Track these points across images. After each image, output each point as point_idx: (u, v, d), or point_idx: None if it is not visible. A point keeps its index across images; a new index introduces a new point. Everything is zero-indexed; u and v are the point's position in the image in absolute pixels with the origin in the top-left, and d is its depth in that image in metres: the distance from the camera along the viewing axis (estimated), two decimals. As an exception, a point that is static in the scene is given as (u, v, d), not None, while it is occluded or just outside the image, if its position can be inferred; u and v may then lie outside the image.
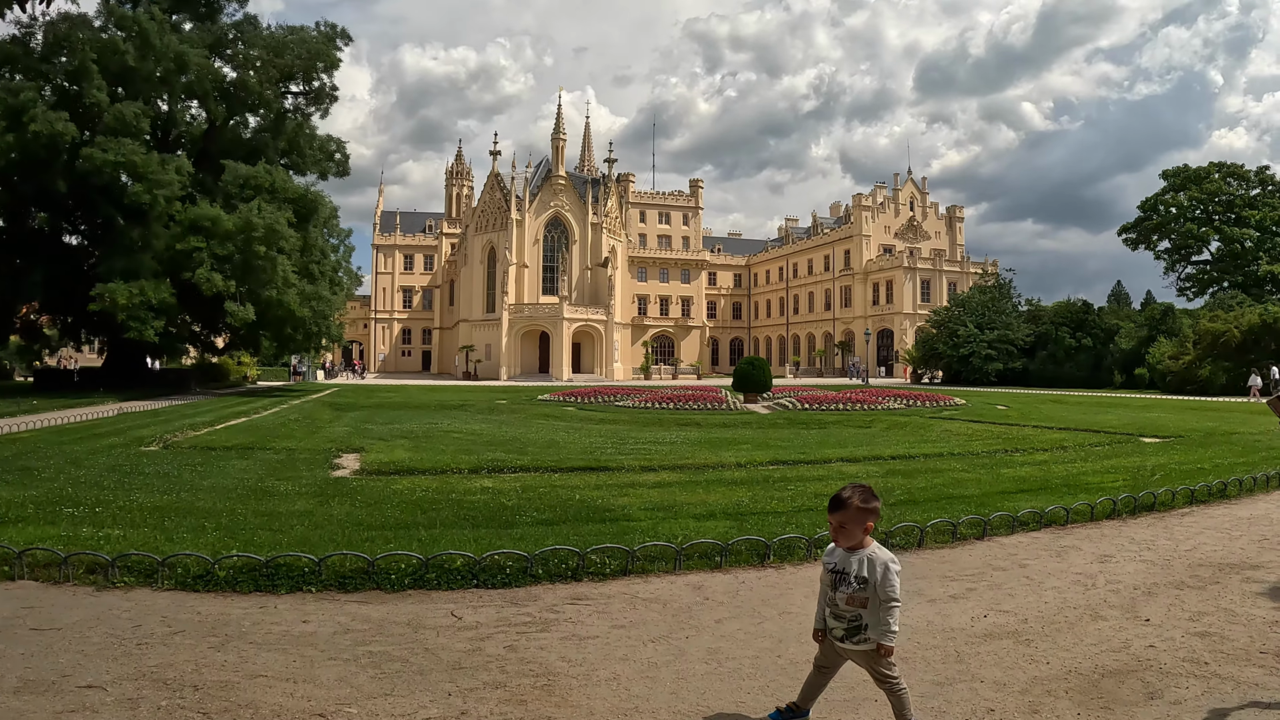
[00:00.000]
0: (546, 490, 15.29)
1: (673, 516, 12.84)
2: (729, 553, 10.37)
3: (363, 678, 6.67)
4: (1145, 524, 13.43)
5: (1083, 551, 11.45)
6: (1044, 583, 9.82)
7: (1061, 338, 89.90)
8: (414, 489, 15.44)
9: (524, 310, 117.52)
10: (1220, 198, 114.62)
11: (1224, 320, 73.40)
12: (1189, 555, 11.35)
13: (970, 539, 11.92)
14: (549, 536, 11.03)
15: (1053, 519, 13.03)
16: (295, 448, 23.13)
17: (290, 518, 12.55)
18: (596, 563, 9.83)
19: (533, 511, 13.12)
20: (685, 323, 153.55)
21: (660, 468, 18.59)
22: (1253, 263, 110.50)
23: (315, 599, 8.87)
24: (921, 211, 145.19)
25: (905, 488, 15.60)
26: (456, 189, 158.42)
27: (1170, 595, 9.39)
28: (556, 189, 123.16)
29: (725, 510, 13.34)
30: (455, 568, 9.43)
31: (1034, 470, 18.66)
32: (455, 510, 13.30)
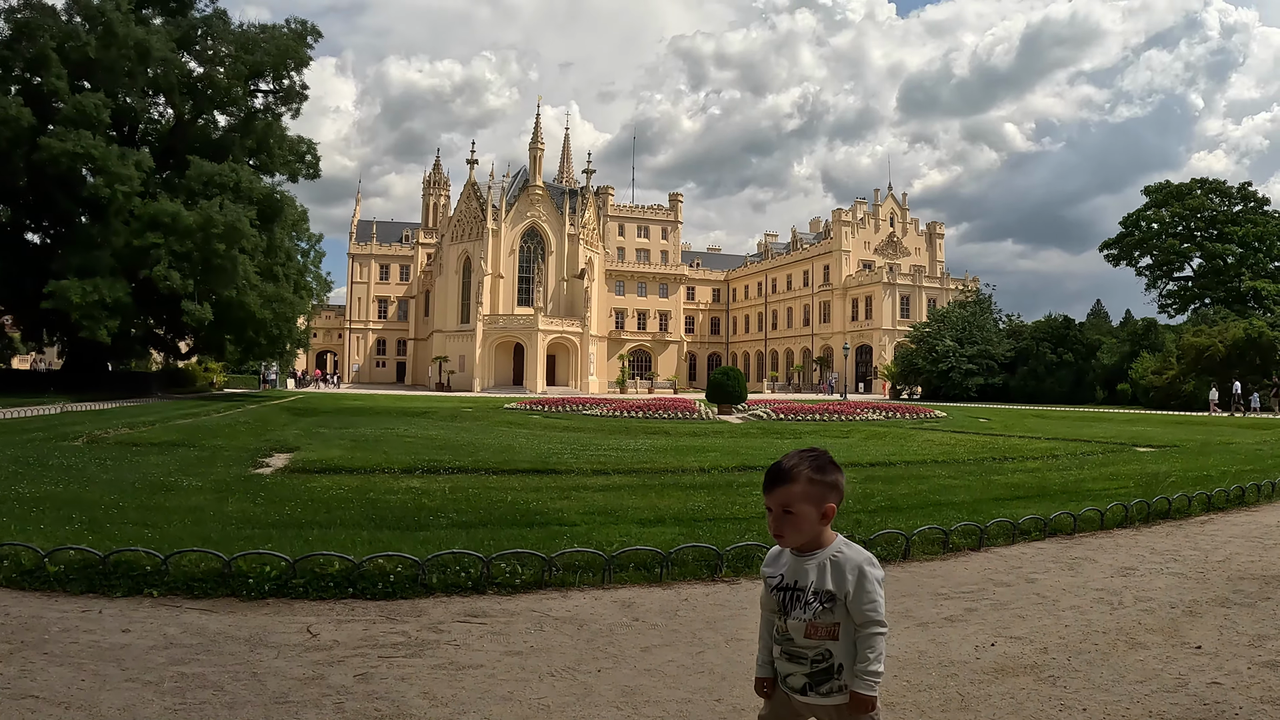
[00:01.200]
0: (478, 492, 13.24)
1: (614, 522, 10.80)
2: (671, 563, 8.37)
3: (152, 709, 4.98)
4: (1163, 532, 11.80)
5: (1098, 563, 9.70)
6: (1059, 600, 7.98)
7: (1043, 353, 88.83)
8: (331, 488, 13.55)
9: (499, 321, 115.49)
10: (1202, 214, 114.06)
11: (1208, 335, 72.49)
12: (1224, 567, 9.67)
13: (965, 550, 10.09)
14: (460, 540, 8.98)
15: (1058, 527, 11.26)
16: (225, 446, 21.32)
17: (175, 513, 10.76)
18: (505, 571, 7.82)
19: (453, 513, 11.13)
20: (663, 337, 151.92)
21: (614, 471, 16.64)
22: (1235, 279, 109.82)
23: (153, 604, 7.18)
24: (901, 227, 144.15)
25: (886, 494, 13.71)
26: (434, 199, 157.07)
27: (1217, 615, 7.64)
28: (533, 199, 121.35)
29: (677, 516, 11.30)
30: (330, 573, 7.51)
31: (1028, 477, 16.92)
32: (365, 510, 11.41)
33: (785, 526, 3.81)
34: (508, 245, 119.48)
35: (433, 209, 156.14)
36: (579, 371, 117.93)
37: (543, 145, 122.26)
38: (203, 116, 62.31)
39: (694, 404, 46.90)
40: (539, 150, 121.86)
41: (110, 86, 53.04)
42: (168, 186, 54.61)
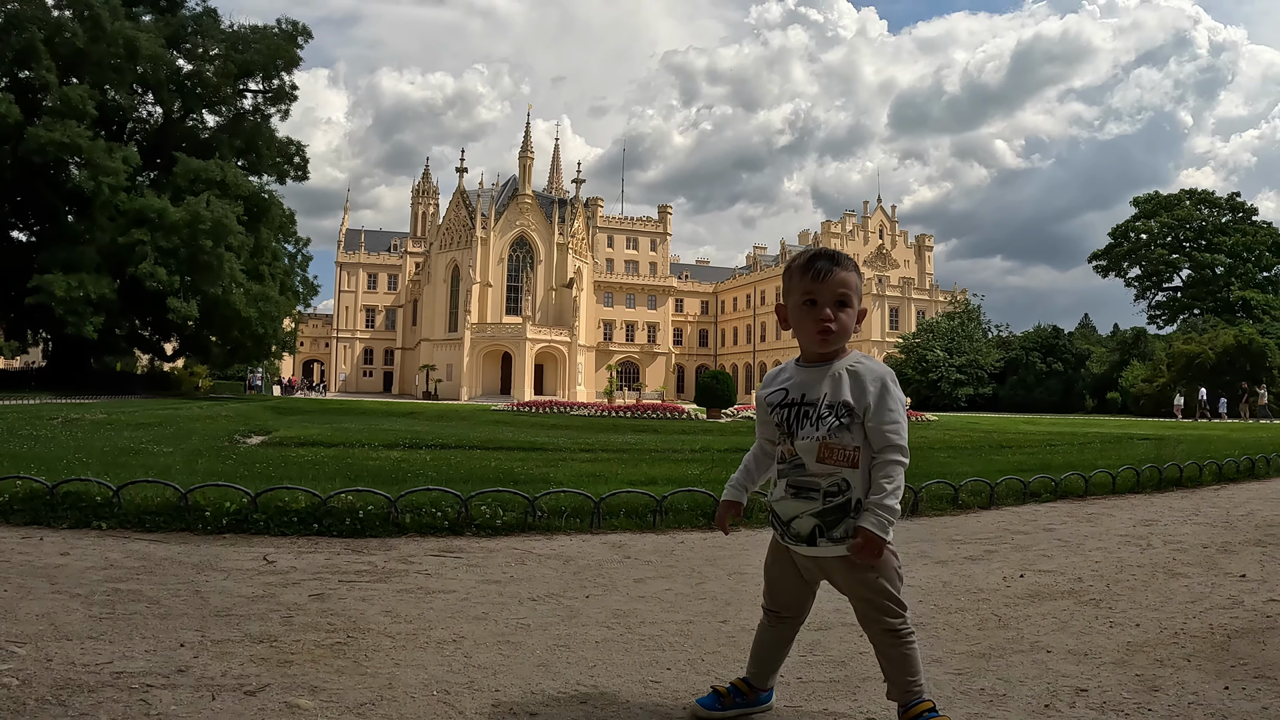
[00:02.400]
0: (461, 461, 12.56)
1: (603, 482, 9.95)
2: (666, 510, 7.74)
3: (75, 616, 4.47)
4: (1178, 496, 11.37)
5: (1117, 518, 9.25)
6: (1083, 544, 7.49)
7: (1032, 363, 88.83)
8: (308, 456, 12.90)
9: (486, 330, 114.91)
10: (1191, 224, 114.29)
11: (1198, 342, 72.46)
12: (1248, 520, 9.27)
13: (975, 508, 9.57)
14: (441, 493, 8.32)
15: (1070, 488, 10.78)
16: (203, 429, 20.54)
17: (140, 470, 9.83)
18: (485, 514, 7.17)
19: (433, 474, 10.32)
20: (651, 349, 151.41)
21: (600, 449, 16.02)
22: (1224, 289, 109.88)
23: (100, 535, 6.62)
24: (891, 240, 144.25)
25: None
26: (422, 208, 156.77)
27: (1254, 552, 7.27)
28: (522, 208, 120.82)
29: (669, 478, 10.53)
30: (294, 509, 6.88)
31: (1029, 457, 16.49)
32: (341, 470, 10.67)
33: (836, 323, 3.27)
34: (496, 254, 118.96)
35: (421, 218, 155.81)
36: (567, 381, 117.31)
37: (532, 154, 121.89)
38: (191, 115, 61.94)
39: (683, 408, 46.54)
40: (529, 159, 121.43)
41: (98, 81, 52.49)
42: (155, 184, 54.21)
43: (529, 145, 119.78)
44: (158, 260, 48.24)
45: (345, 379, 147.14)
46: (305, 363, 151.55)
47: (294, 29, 62.25)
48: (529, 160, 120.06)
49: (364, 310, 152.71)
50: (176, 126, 60.03)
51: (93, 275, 47.50)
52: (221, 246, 50.14)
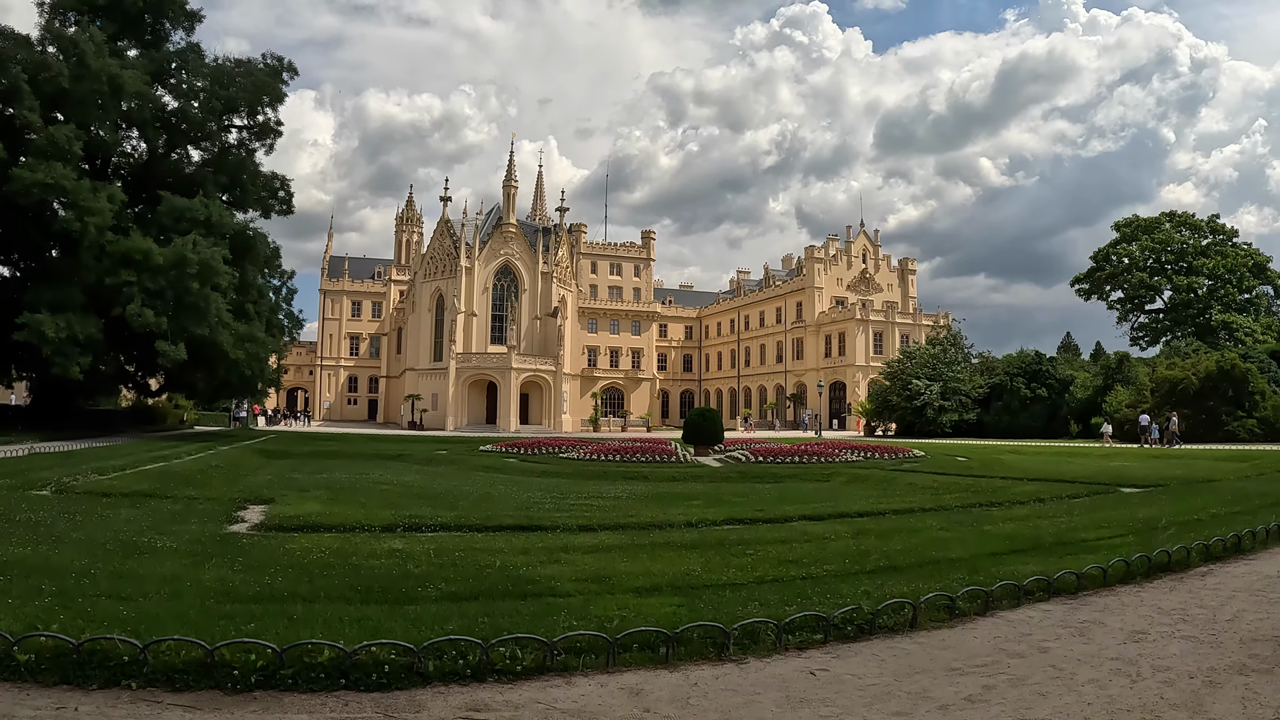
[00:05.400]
0: (464, 554, 12.69)
1: (609, 591, 10.32)
2: (678, 642, 7.94)
3: None
4: (1166, 587, 11.66)
5: (1108, 627, 9.48)
6: (1076, 674, 7.72)
7: (1016, 388, 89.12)
8: (311, 549, 12.97)
9: (471, 360, 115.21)
10: (1172, 247, 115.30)
11: (1181, 368, 73.08)
12: (1234, 628, 9.51)
13: (971, 615, 9.79)
14: (453, 616, 8.56)
15: (1062, 586, 11.01)
16: (199, 496, 20.77)
17: (150, 582, 10.20)
18: (505, 657, 7.38)
19: (440, 582, 10.59)
20: (635, 375, 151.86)
21: (600, 527, 16.09)
22: (1205, 312, 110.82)
23: (131, 698, 6.69)
24: (874, 264, 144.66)
25: (882, 551, 13.34)
26: (406, 235, 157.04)
27: (1238, 685, 7.45)
28: (507, 237, 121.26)
29: (673, 583, 10.83)
30: (319, 663, 7.05)
31: (1020, 526, 16.64)
32: (349, 578, 10.85)
33: None
34: (481, 283, 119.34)
35: (405, 245, 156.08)
36: (552, 410, 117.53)
37: (516, 183, 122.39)
38: (176, 151, 62.03)
39: (670, 445, 46.53)
40: (513, 188, 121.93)
41: (83, 119, 52.40)
42: (140, 221, 53.99)
43: (513, 175, 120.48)
44: (144, 301, 48.32)
45: (330, 407, 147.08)
46: (289, 390, 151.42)
47: (279, 65, 62.54)
48: (513, 189, 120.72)
49: (348, 338, 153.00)
50: (161, 162, 60.15)
51: (79, 315, 47.60)
52: (208, 287, 50.25)
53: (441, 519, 16.71)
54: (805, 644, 8.32)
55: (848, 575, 11.31)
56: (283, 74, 62.68)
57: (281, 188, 64.92)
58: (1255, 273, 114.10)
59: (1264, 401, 68.47)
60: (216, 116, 59.74)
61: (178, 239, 50.19)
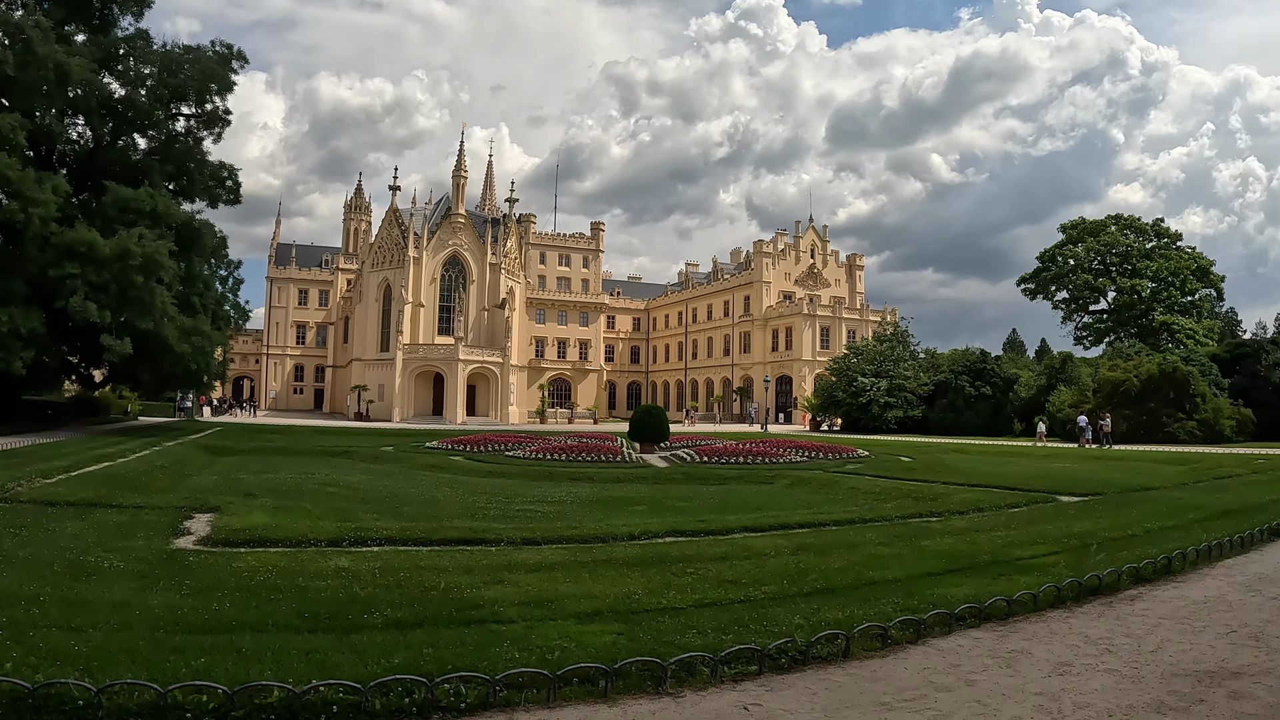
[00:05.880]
0: (409, 574, 12.71)
1: (551, 617, 10.46)
2: (616, 676, 8.09)
3: None
4: (1095, 613, 11.86)
5: (1035, 657, 9.70)
6: (1001, 710, 7.95)
7: (961, 386, 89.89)
8: (258, 568, 12.92)
9: (419, 350, 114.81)
10: (1117, 250, 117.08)
11: (1123, 369, 73.98)
12: (1157, 659, 9.73)
13: (904, 643, 9.99)
14: (399, 647, 8.68)
15: (993, 612, 11.24)
16: (144, 505, 20.50)
17: (100, 610, 10.18)
18: (450, 693, 7.53)
19: (386, 607, 10.65)
20: (583, 366, 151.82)
21: (544, 540, 16.17)
22: (1148, 313, 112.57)
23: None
24: (822, 259, 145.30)
25: (820, 570, 13.53)
26: (355, 223, 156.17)
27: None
28: (455, 227, 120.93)
29: (614, 606, 10.96)
30: (269, 703, 7.13)
31: (957, 542, 16.85)
32: (296, 602, 10.89)
33: None
34: (429, 273, 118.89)
35: (353, 234, 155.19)
36: (499, 401, 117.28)
37: (466, 174, 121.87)
38: (122, 139, 60.91)
39: (616, 442, 46.68)
40: (463, 178, 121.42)
41: (28, 107, 51.52)
42: (84, 211, 53.24)
43: (463, 164, 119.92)
44: (88, 295, 47.52)
45: (276, 396, 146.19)
46: (235, 379, 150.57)
47: (229, 52, 61.47)
48: (463, 179, 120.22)
49: (295, 326, 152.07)
50: (107, 151, 59.07)
51: (22, 309, 46.83)
52: (153, 280, 49.64)
53: (387, 530, 16.74)
54: (741, 676, 8.48)
55: (785, 598, 11.50)
56: (232, 62, 61.71)
57: (229, 177, 63.99)
58: (1198, 276, 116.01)
59: (1204, 404, 69.39)
60: (164, 105, 58.75)
61: (123, 231, 49.38)
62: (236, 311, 71.68)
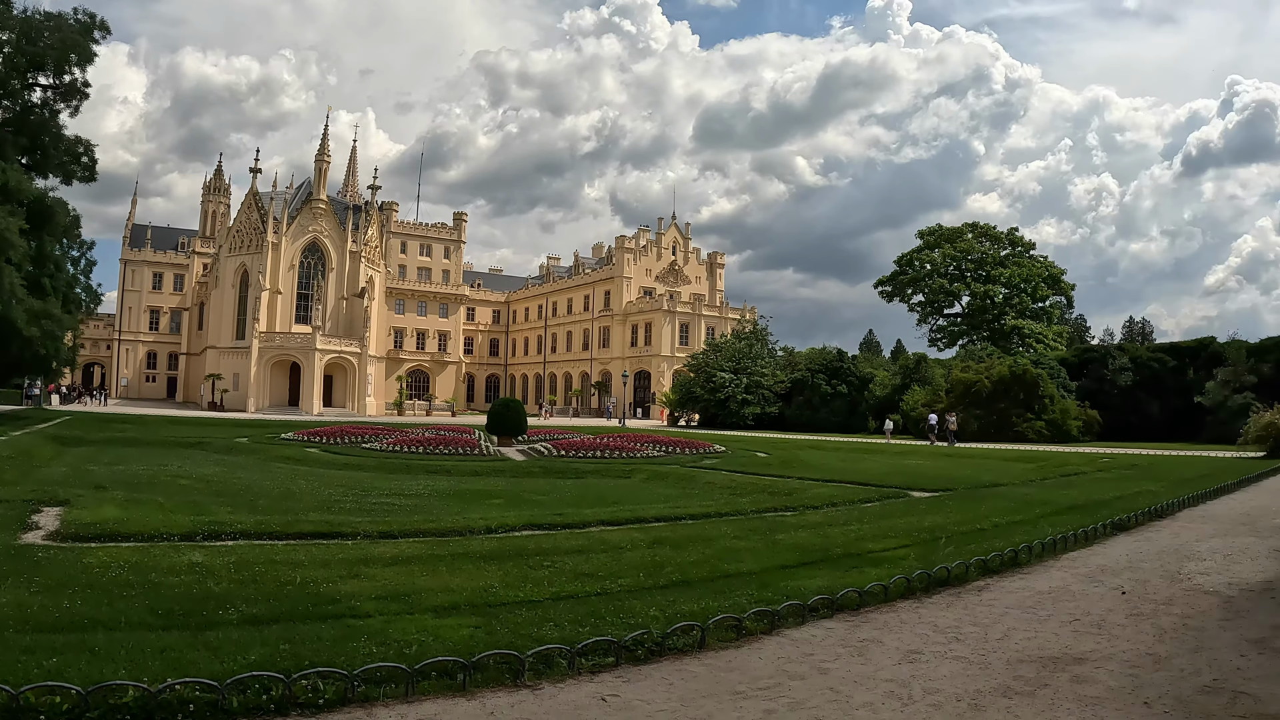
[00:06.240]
0: (264, 569, 12.44)
1: (408, 611, 10.31)
2: (475, 669, 8.03)
3: None
4: (944, 603, 12.15)
5: (886, 646, 9.89)
6: (853, 696, 8.08)
7: (818, 384, 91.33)
8: (110, 564, 12.46)
9: (275, 339, 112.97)
10: (973, 256, 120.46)
11: (976, 371, 76.05)
12: (1003, 646, 10.02)
13: (758, 634, 10.10)
14: (255, 644, 8.49)
15: (845, 603, 11.41)
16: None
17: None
18: (308, 689, 7.39)
19: (241, 603, 10.35)
20: (442, 358, 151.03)
21: (400, 534, 15.97)
22: (1001, 318, 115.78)
23: None
24: (684, 256, 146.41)
25: (677, 563, 13.65)
26: (214, 206, 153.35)
27: (1001, 708, 7.87)
28: (316, 213, 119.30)
29: (471, 600, 10.88)
30: (125, 703, 6.91)
31: (811, 535, 17.07)
32: (150, 599, 10.53)
33: None
34: (287, 260, 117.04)
35: (212, 217, 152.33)
36: (356, 393, 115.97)
37: (329, 158, 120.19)
38: (-27, 110, 58.83)
39: (474, 435, 46.41)
40: (325, 162, 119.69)
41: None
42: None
43: (326, 148, 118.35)
44: (-69, 275, 46.22)
45: (127, 384, 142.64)
46: (86, 366, 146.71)
47: (91, 21, 59.60)
48: (325, 164, 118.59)
49: (149, 311, 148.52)
50: (-43, 123, 57.42)
51: None
52: (1, 260, 48.29)
53: (242, 524, 16.33)
54: (598, 668, 8.51)
55: (642, 590, 11.56)
56: (94, 31, 59.89)
57: (86, 153, 62.21)
58: (1050, 284, 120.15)
59: (1052, 405, 71.78)
60: (20, 74, 56.93)
61: (-30, 208, 48.01)
62: (88, 295, 70.03)
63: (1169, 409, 77.36)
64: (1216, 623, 11.51)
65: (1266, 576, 14.67)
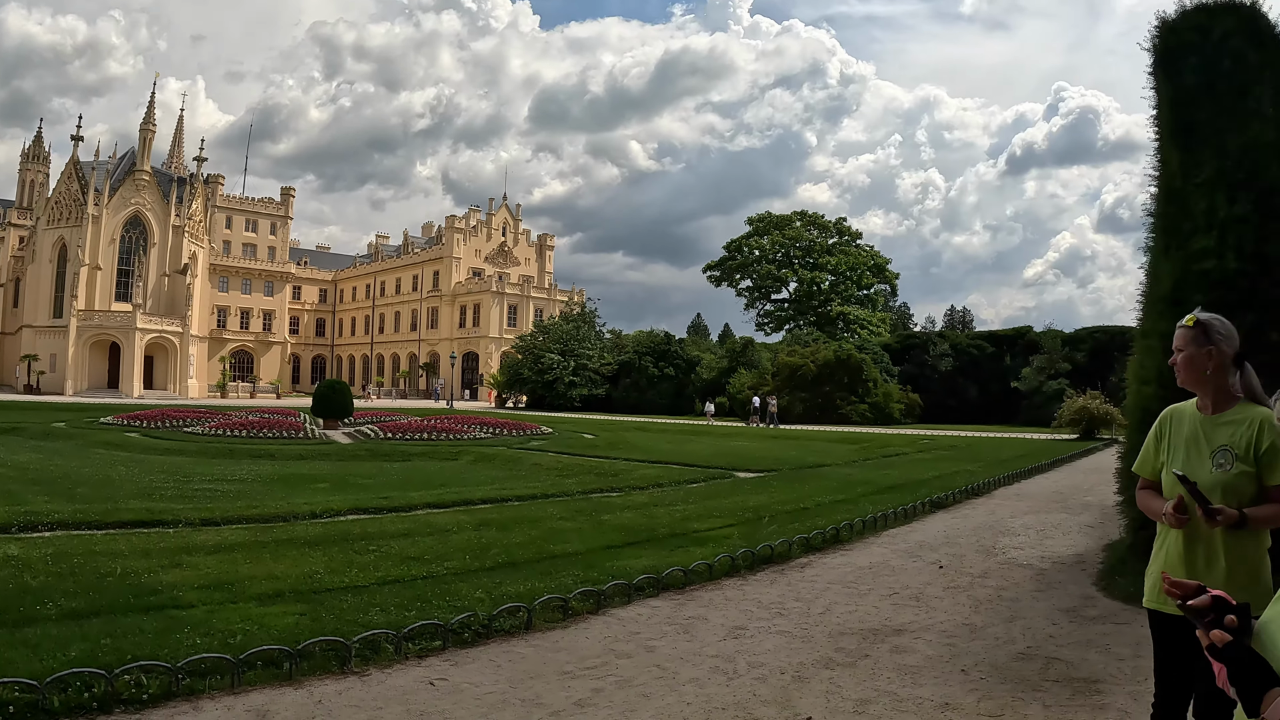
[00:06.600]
0: (83, 560, 11.89)
1: (232, 600, 10.06)
2: (301, 657, 7.90)
3: None
4: (768, 580, 12.43)
5: (711, 623, 10.08)
6: (679, 672, 8.23)
7: (645, 367, 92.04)
8: None
9: (94, 318, 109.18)
10: (801, 243, 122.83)
11: (802, 355, 77.57)
12: (825, 620, 10.31)
13: (585, 614, 10.21)
14: (75, 639, 8.14)
15: (671, 582, 11.60)
16: None
17: None
18: (131, 684, 7.14)
19: (60, 597, 9.86)
20: (267, 338, 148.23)
21: (223, 521, 15.57)
22: (827, 303, 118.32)
23: None
24: (514, 237, 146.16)
25: (503, 545, 13.67)
26: (32, 175, 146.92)
27: (824, 679, 8.12)
28: (139, 185, 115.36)
29: (296, 587, 10.69)
30: None
31: (637, 516, 17.25)
32: None
33: None
34: (108, 234, 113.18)
35: (30, 186, 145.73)
36: (178, 374, 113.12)
37: (155, 127, 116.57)
38: None
39: (299, 418, 45.69)
40: (150, 132, 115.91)
41: None
42: None
43: (152, 117, 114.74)
44: None
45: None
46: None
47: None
48: (151, 133, 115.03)
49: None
50: None
51: None
52: None
53: (59, 514, 15.73)
54: (426, 652, 8.49)
55: (468, 573, 11.56)
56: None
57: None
58: (875, 272, 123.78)
59: (876, 389, 74.01)
60: None
61: None
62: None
63: (987, 393, 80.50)
64: (1030, 594, 12.04)
65: (1077, 550, 15.33)
